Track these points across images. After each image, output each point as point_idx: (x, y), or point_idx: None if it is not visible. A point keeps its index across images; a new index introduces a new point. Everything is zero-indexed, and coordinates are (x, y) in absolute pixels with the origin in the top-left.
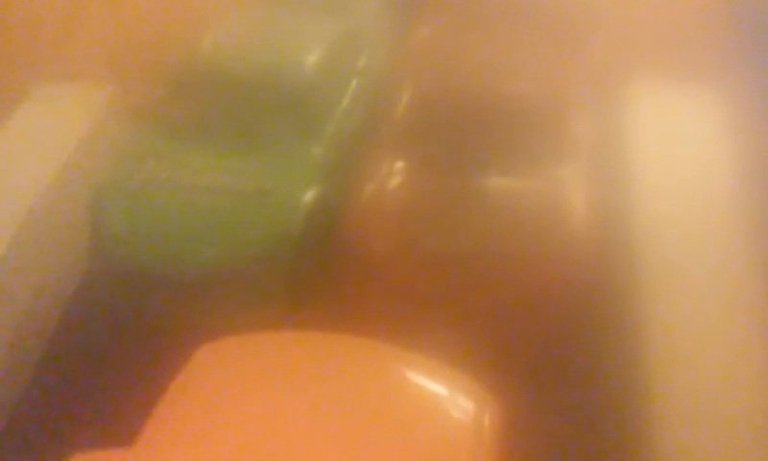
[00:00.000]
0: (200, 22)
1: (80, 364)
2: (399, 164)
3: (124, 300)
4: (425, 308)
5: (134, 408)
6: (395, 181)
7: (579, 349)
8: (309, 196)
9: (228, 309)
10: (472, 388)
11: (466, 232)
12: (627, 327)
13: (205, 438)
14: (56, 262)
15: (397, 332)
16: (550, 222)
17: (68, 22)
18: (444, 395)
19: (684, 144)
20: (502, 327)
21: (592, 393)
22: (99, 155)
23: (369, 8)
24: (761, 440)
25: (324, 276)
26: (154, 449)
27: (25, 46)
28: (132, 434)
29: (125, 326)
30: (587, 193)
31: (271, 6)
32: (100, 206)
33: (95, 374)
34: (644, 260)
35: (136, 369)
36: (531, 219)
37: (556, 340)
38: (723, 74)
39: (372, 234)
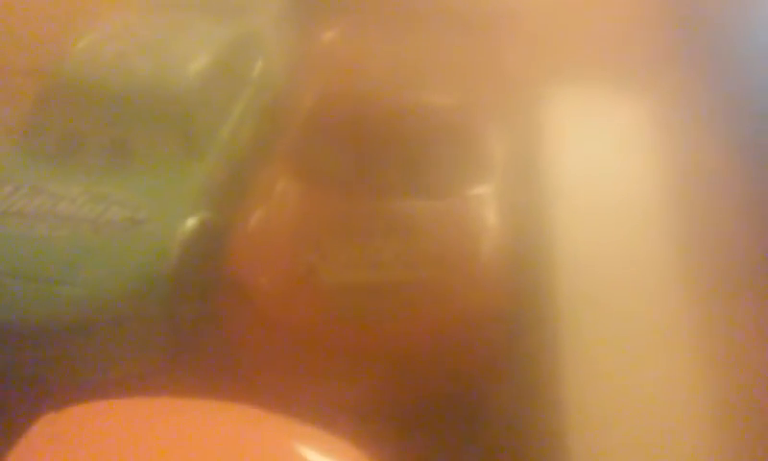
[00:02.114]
0: (69, 25)
1: None
2: (295, 185)
3: None
4: (318, 354)
5: None
6: (289, 205)
7: (493, 395)
8: (189, 224)
9: (88, 364)
10: None
11: (368, 263)
12: (546, 358)
13: None
14: None
15: (284, 384)
16: (462, 248)
17: None
18: None
19: (605, 155)
20: (404, 374)
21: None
22: None
23: (266, 10)
24: None
25: (205, 316)
26: None
27: None
28: None
29: None
30: (502, 214)
31: (153, 9)
32: None
33: None
34: (563, 283)
35: None
36: (442, 245)
37: (466, 389)
38: (648, 80)
39: (260, 267)
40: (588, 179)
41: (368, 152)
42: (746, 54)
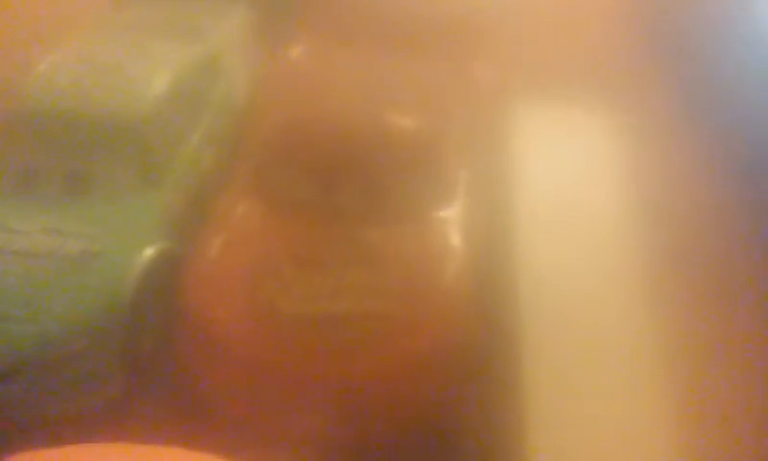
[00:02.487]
0: (26, 51)
1: None
2: (256, 211)
3: None
4: (279, 388)
5: None
6: (249, 233)
7: (460, 424)
8: (146, 255)
9: (44, 400)
10: None
11: (329, 293)
12: (513, 381)
13: None
14: None
15: (244, 419)
16: (426, 274)
17: None
18: None
19: (573, 172)
20: (369, 407)
21: None
22: None
23: (228, 31)
24: None
25: (163, 349)
26: None
27: None
28: None
29: None
30: (467, 236)
31: (112, 31)
32: None
33: None
34: (530, 303)
35: None
36: (405, 273)
37: (432, 419)
38: (616, 95)
39: (217, 298)
40: (555, 196)
41: (331, 177)
42: (717, 65)
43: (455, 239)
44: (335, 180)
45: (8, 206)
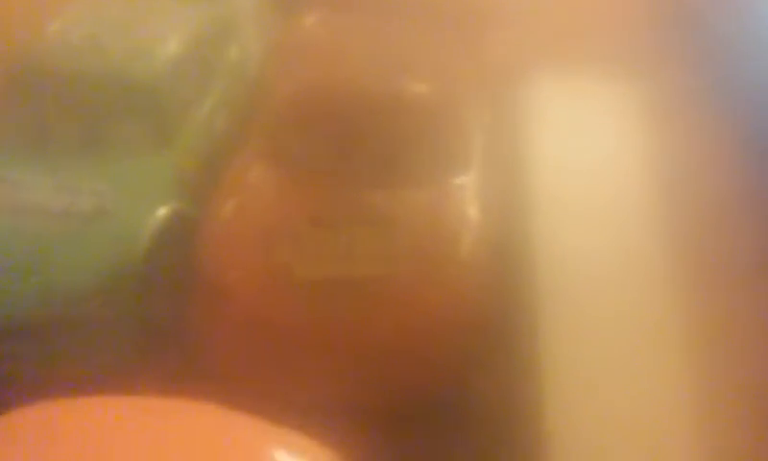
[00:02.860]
0: (41, 10)
1: None
2: (270, 175)
3: None
4: (292, 352)
5: None
6: (263, 196)
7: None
8: (158, 215)
9: (56, 360)
10: None
11: (343, 256)
12: (527, 357)
13: None
14: None
15: (257, 383)
16: (441, 240)
17: None
18: None
19: (590, 145)
20: (383, 372)
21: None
22: None
23: None
24: None
25: (177, 311)
26: None
27: None
28: None
29: None
30: (483, 205)
31: None
32: None
33: None
34: (545, 279)
35: None
36: (420, 237)
37: (446, 387)
38: (634, 68)
39: (231, 261)
40: (572, 169)
41: (345, 142)
42: (738, 43)
43: (469, 206)
44: (349, 145)
45: (20, 162)
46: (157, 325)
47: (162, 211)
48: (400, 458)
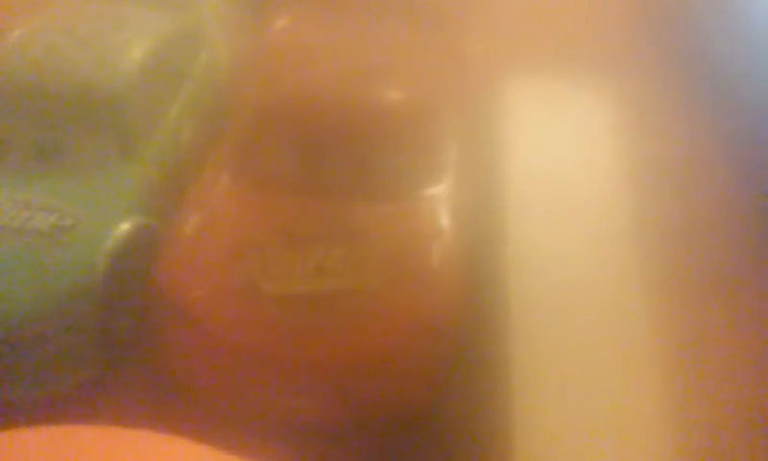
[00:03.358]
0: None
1: None
2: (236, 187)
3: None
4: (259, 370)
5: None
6: (229, 209)
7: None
8: (120, 230)
9: (13, 383)
10: None
11: (311, 271)
12: (499, 368)
13: None
14: None
15: (224, 402)
16: (412, 253)
17: None
18: None
19: (566, 151)
20: (353, 388)
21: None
22: None
23: (213, 1)
24: None
25: (139, 329)
26: None
27: None
28: None
29: None
30: (456, 215)
31: (93, 2)
32: None
33: None
34: (518, 289)
35: None
36: (390, 251)
37: (417, 400)
38: (612, 70)
39: (195, 277)
40: (547, 176)
41: (316, 152)
42: (718, 39)
43: (443, 218)
44: (320, 156)
45: None
46: (119, 343)
47: (124, 226)
48: None
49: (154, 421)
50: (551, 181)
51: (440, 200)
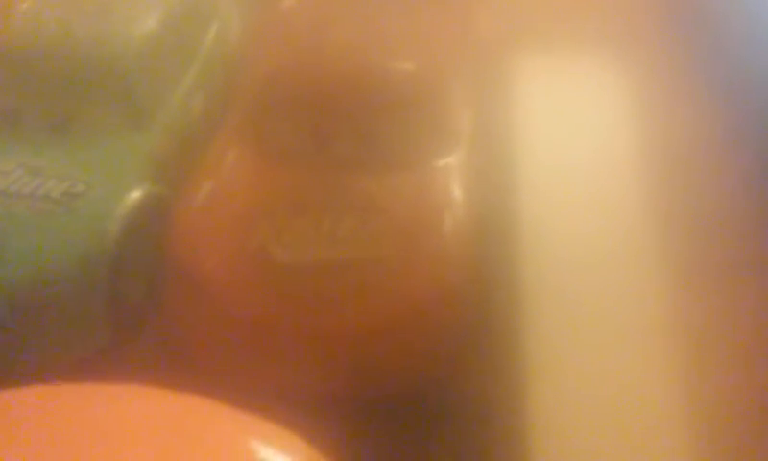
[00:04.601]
0: None
1: None
2: (247, 158)
3: None
4: (271, 339)
5: None
6: (240, 179)
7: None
8: (131, 198)
9: (25, 347)
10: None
11: (323, 240)
12: (510, 345)
13: None
14: None
15: (235, 371)
16: (423, 223)
17: None
18: None
19: (578, 129)
20: (363, 359)
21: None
22: None
23: None
24: None
25: (151, 296)
26: None
27: None
28: None
29: None
30: (467, 186)
31: None
32: None
33: None
34: (529, 266)
35: None
36: (402, 220)
37: (429, 376)
38: (622, 47)
39: (207, 246)
40: (559, 152)
41: (326, 123)
42: (728, 24)
43: (454, 188)
44: (330, 128)
45: None
46: (131, 309)
47: (135, 194)
48: (381, 448)
49: (164, 387)
50: (562, 156)
51: (451, 170)
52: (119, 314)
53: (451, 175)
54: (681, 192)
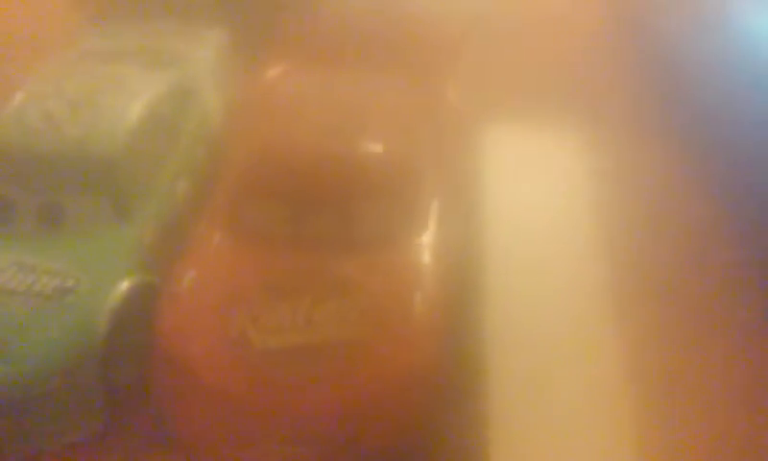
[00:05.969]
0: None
1: None
2: (228, 241)
3: None
4: (252, 420)
5: None
6: (220, 264)
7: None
8: (120, 289)
9: (21, 439)
10: None
11: (300, 324)
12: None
13: None
14: None
15: (220, 451)
16: (397, 304)
17: None
18: None
19: (545, 196)
20: (341, 436)
21: None
22: None
23: (203, 55)
24: None
25: (140, 384)
26: None
27: None
28: None
29: None
30: (439, 264)
31: (84, 61)
32: None
33: None
34: (499, 338)
35: None
36: (376, 302)
37: (403, 448)
38: (588, 111)
39: (190, 332)
40: (528, 224)
41: (303, 206)
42: (694, 80)
43: (427, 266)
44: (307, 209)
45: None
46: (122, 396)
47: (124, 285)
48: None
49: None
50: (532, 229)
51: (423, 248)
52: (111, 400)
53: (424, 253)
54: (647, 249)
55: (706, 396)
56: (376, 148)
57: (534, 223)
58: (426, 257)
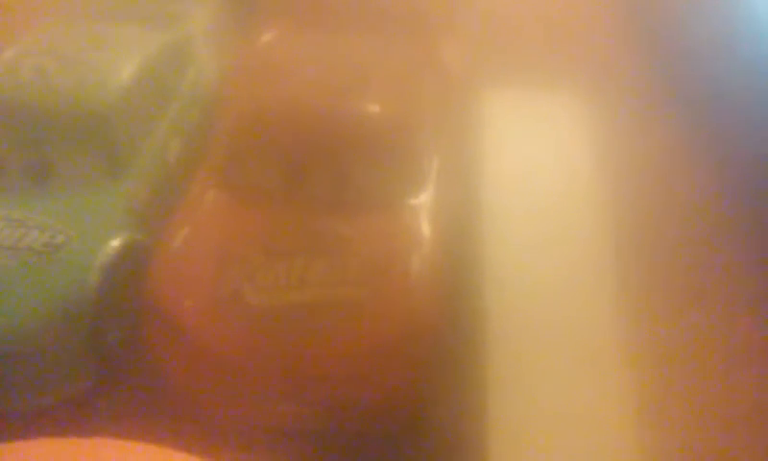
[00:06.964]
0: None
1: None
2: (222, 200)
3: None
4: (246, 380)
5: None
6: (215, 223)
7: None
8: (111, 246)
9: (9, 395)
10: None
11: (295, 283)
12: (477, 376)
13: None
14: None
15: (214, 411)
16: (393, 263)
17: None
18: None
19: (545, 159)
20: (336, 396)
21: None
22: None
23: (199, 17)
24: None
25: (131, 342)
26: None
27: None
28: None
29: None
30: (436, 224)
31: (77, 19)
32: None
33: None
34: (495, 297)
35: None
36: (372, 261)
37: (399, 408)
38: (589, 78)
39: (183, 290)
40: (526, 185)
41: (298, 166)
42: (696, 51)
43: (423, 228)
44: (302, 169)
45: None
46: (111, 355)
47: (114, 242)
48: None
49: (146, 431)
50: (530, 189)
51: (420, 209)
52: (100, 358)
53: (420, 214)
54: (646, 219)
55: (710, 386)
56: (372, 108)
57: (533, 184)
58: (423, 218)
